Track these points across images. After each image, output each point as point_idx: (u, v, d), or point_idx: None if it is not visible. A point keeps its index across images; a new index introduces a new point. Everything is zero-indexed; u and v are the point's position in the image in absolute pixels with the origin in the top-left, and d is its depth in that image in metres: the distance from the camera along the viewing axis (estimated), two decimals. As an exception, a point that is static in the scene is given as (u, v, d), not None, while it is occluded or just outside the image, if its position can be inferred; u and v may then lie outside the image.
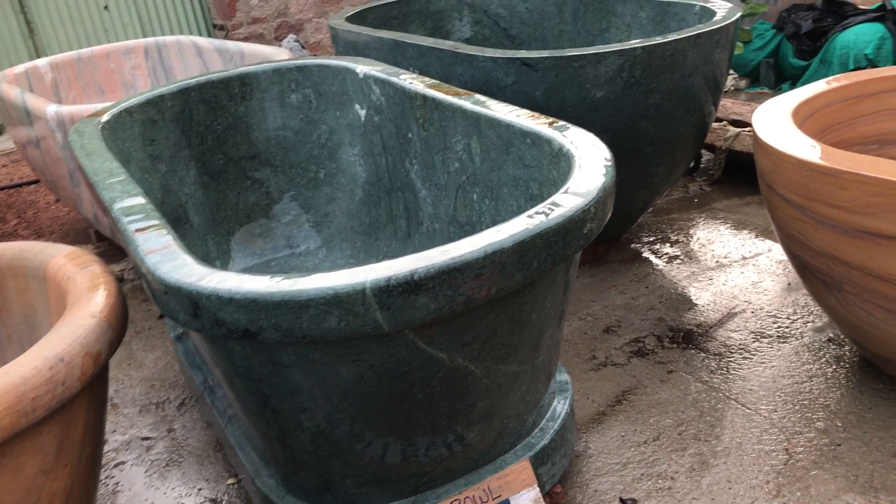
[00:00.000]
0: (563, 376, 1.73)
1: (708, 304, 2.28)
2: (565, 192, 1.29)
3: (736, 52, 3.92)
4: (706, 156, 3.26)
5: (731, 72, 4.29)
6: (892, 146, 2.03)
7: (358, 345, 1.17)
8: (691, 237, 2.71)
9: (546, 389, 1.58)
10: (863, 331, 1.72)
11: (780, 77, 4.18)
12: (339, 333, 1.09)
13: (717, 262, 2.52)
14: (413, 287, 1.10)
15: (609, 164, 1.40)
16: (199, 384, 1.89)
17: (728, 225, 2.77)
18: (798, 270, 1.84)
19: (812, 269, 1.74)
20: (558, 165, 1.52)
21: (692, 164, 3.22)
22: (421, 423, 1.32)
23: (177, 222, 2.07)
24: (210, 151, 2.21)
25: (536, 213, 1.22)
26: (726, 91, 4.19)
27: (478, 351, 1.27)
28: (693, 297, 2.33)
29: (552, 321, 1.43)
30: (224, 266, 2.21)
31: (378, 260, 1.81)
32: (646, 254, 2.63)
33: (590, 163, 1.40)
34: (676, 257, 2.58)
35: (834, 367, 1.93)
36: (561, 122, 1.58)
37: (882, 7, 3.81)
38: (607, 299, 2.38)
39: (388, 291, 1.09)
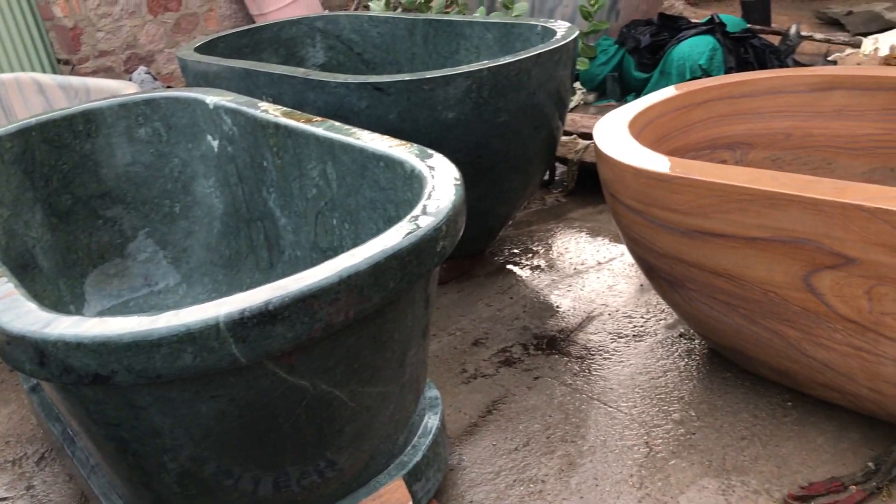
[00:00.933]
0: (432, 392, 1.76)
1: (568, 310, 2.37)
2: (417, 212, 1.33)
3: (583, 68, 4.10)
4: (560, 168, 3.39)
5: (580, 86, 4.49)
6: (722, 150, 2.19)
7: (216, 380, 1.15)
8: (550, 247, 2.82)
9: (415, 407, 1.61)
10: (707, 325, 1.84)
11: (626, 89, 4.40)
12: (195, 370, 1.08)
13: (575, 268, 2.62)
14: (268, 317, 1.10)
15: (458, 183, 1.45)
16: (58, 435, 1.81)
17: (584, 233, 2.89)
18: (645, 272, 1.95)
19: (657, 270, 1.85)
20: (412, 187, 1.56)
21: (547, 177, 3.35)
22: (290, 453, 1.31)
23: (24, 268, 1.98)
24: (56, 192, 2.12)
25: (390, 234, 1.25)
26: (576, 105, 4.38)
27: (341, 375, 1.28)
28: (554, 304, 2.42)
29: (415, 339, 1.46)
30: (79, 310, 2.12)
31: (241, 292, 1.79)
32: (509, 266, 2.71)
33: (441, 183, 1.44)
34: (538, 267, 2.67)
35: (686, 360, 2.05)
36: (413, 145, 1.62)
37: (711, 20, 4.09)
38: (475, 313, 2.44)
39: (243, 324, 1.08)
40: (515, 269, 2.69)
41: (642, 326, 2.23)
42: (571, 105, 4.35)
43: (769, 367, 1.78)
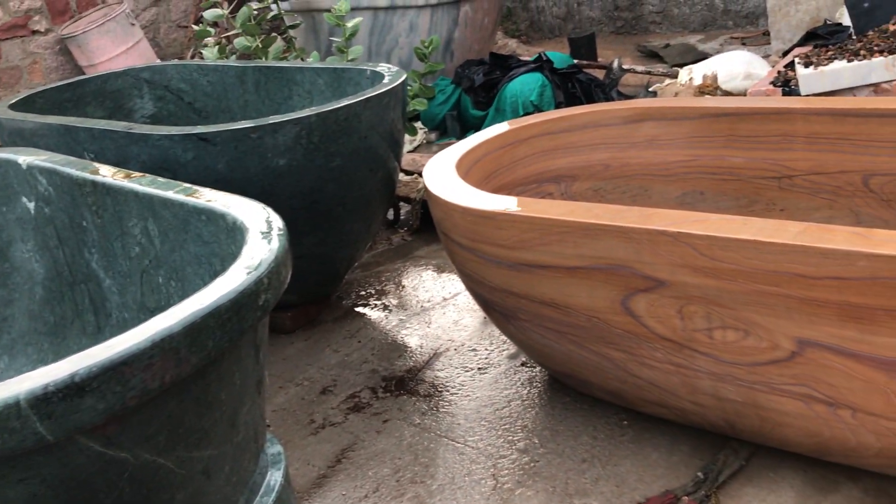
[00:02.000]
0: (275, 448, 1.72)
1: (416, 349, 2.39)
2: (235, 266, 1.30)
3: (421, 108, 4.17)
4: (406, 207, 3.43)
5: (422, 126, 4.58)
6: (548, 183, 2.28)
7: (23, 461, 1.08)
8: (398, 286, 2.83)
9: (255, 465, 1.56)
10: (542, 353, 1.90)
11: (465, 127, 4.52)
12: (-6, 454, 1.01)
13: (422, 306, 2.65)
14: (76, 390, 1.04)
15: (282, 233, 1.44)
16: None
17: (430, 269, 2.92)
18: (482, 306, 1.99)
19: (491, 304, 1.89)
20: (235, 239, 1.53)
21: (393, 217, 3.37)
22: (116, 529, 1.24)
23: None
24: None
25: (207, 291, 1.22)
26: (419, 145, 4.45)
27: (165, 442, 1.23)
28: (402, 344, 2.43)
29: (247, 396, 1.42)
30: None
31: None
32: (357, 308, 2.70)
33: (261, 234, 1.42)
34: (386, 307, 2.68)
35: (528, 388, 2.10)
36: (234, 196, 1.59)
37: (539, 58, 4.27)
38: (322, 360, 2.41)
39: (47, 399, 1.02)
40: (363, 311, 2.68)
41: (486, 359, 2.27)
42: (414, 145, 4.42)
43: (602, 388, 1.86)
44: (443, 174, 1.94)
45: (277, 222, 1.47)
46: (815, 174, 1.95)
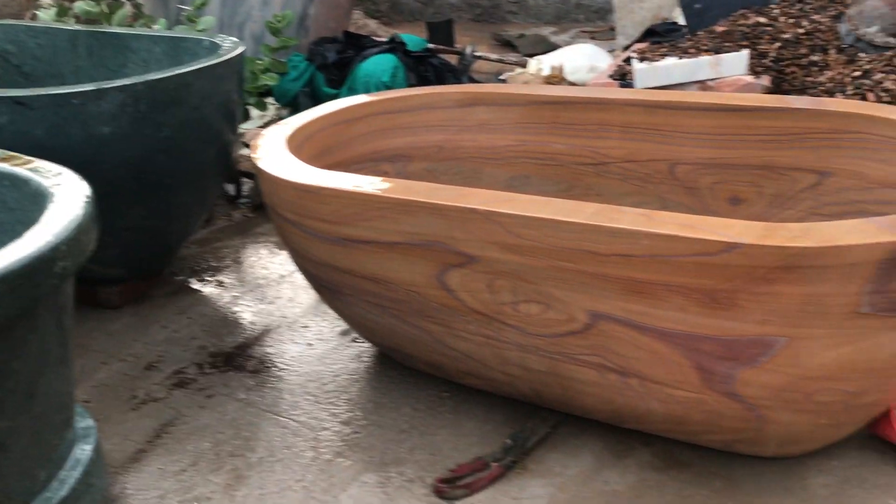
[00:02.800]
0: (86, 421, 1.67)
1: (248, 325, 2.37)
2: (32, 233, 1.26)
3: (272, 83, 4.11)
4: (248, 184, 3.38)
5: (274, 102, 4.50)
6: (384, 162, 2.31)
7: None
8: (235, 263, 2.79)
9: (61, 439, 1.52)
10: (367, 327, 1.94)
11: (318, 104, 4.49)
12: None
13: (258, 283, 2.63)
14: None
15: (88, 200, 1.40)
16: None
17: (269, 246, 2.90)
18: (310, 282, 2.00)
19: (318, 279, 1.91)
20: (40, 206, 1.47)
21: (235, 193, 3.32)
22: None
23: None
24: None
25: (-4, 257, 1.18)
26: (270, 121, 4.38)
27: (-52, 412, 1.18)
28: (234, 321, 2.41)
29: (48, 366, 1.38)
30: None
31: None
32: (191, 285, 2.65)
33: (66, 201, 1.38)
34: (220, 284, 2.64)
35: (356, 363, 2.14)
36: (41, 162, 1.54)
37: (392, 40, 4.30)
38: (149, 336, 2.35)
39: None
40: (197, 287, 2.63)
41: (317, 335, 2.29)
42: (265, 120, 4.35)
43: (424, 361, 1.91)
44: (272, 148, 1.93)
45: (84, 190, 1.44)
46: (627, 162, 2.08)
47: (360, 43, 4.38)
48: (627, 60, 3.74)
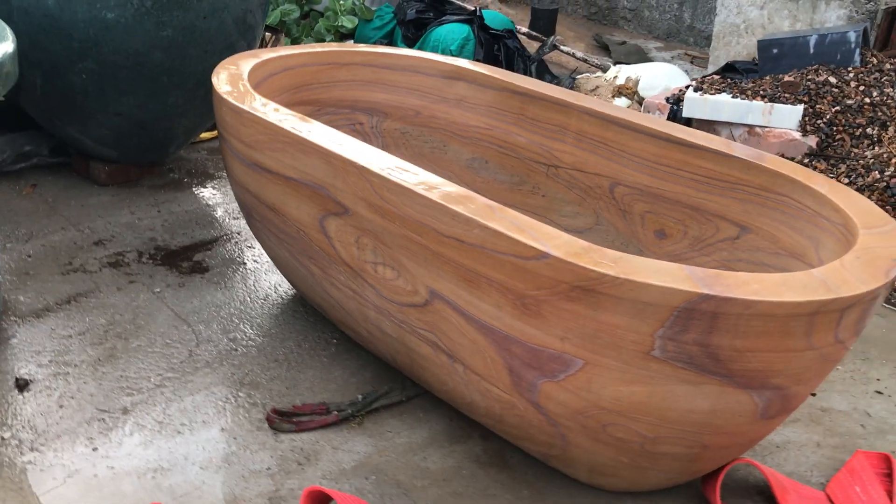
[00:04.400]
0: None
1: (204, 232, 2.49)
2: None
3: (350, 25, 4.22)
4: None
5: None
6: (361, 113, 2.36)
7: None
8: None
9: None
10: (272, 256, 2.02)
11: (391, 58, 4.57)
12: None
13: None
14: None
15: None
16: None
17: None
18: (237, 201, 2.09)
19: (239, 200, 2.00)
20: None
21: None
22: None
23: None
24: None
25: None
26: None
27: None
28: (196, 225, 2.53)
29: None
30: None
31: None
32: (179, 185, 2.79)
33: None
34: (205, 189, 2.77)
35: (273, 291, 2.22)
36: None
37: (473, 12, 4.32)
38: (114, 217, 2.51)
39: None
40: (183, 188, 2.77)
41: (257, 257, 2.38)
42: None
43: (312, 301, 1.98)
44: (235, 71, 2.02)
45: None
46: (575, 170, 2.06)
47: (443, 8, 4.42)
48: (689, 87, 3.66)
